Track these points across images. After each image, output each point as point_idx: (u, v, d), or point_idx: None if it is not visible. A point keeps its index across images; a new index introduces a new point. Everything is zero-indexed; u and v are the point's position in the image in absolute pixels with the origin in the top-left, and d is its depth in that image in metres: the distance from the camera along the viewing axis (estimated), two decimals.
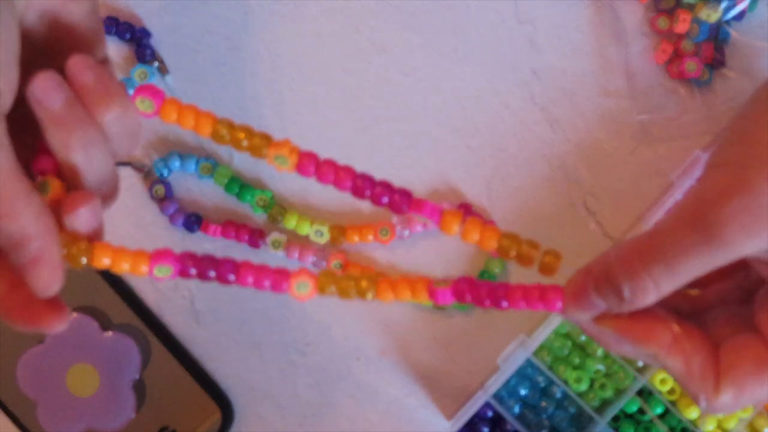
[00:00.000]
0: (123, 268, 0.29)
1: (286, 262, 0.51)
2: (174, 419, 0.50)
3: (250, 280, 0.30)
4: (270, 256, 0.51)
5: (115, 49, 0.51)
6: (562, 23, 0.51)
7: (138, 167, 0.51)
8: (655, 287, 0.27)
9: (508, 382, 0.50)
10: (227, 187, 0.51)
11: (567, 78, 0.51)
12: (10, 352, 0.50)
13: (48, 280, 0.27)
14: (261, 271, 0.30)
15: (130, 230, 0.51)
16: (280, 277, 0.30)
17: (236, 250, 0.51)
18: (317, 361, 0.52)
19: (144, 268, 0.30)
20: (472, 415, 0.48)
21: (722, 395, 0.28)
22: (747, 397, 0.28)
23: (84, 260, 0.29)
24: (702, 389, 0.28)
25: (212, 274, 0.30)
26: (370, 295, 0.30)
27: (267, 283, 0.30)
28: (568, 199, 0.51)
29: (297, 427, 0.52)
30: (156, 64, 0.51)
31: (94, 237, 0.29)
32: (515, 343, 0.49)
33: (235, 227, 0.51)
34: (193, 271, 0.30)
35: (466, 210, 0.50)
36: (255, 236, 0.50)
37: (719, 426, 0.49)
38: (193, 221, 0.50)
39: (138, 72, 0.50)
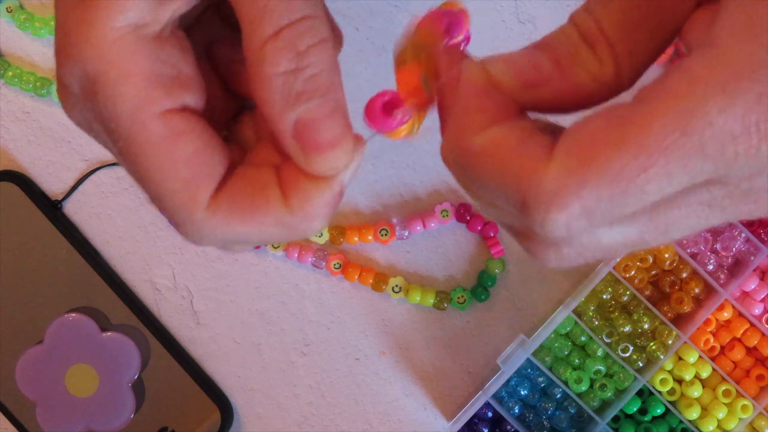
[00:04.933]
0: None
1: (285, 263, 0.51)
2: (173, 419, 0.50)
3: None
4: (269, 256, 0.51)
5: None
6: (562, 23, 0.51)
7: None
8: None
9: (508, 382, 0.49)
10: None
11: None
12: (10, 352, 0.50)
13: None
14: None
15: (130, 230, 0.51)
16: None
17: None
18: (317, 361, 0.51)
19: None
20: (472, 416, 0.48)
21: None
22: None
23: None
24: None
25: None
26: None
27: None
28: None
29: (297, 427, 0.52)
30: None
31: None
32: (515, 343, 0.49)
33: None
34: None
35: (465, 210, 0.50)
36: None
37: (719, 426, 0.49)
38: None
39: None
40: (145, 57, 0.23)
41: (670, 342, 0.49)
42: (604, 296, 0.49)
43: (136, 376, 0.50)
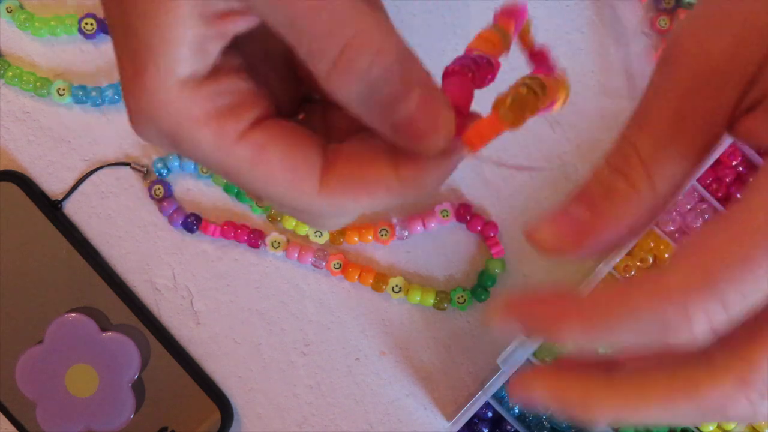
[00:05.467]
0: None
1: (285, 263, 0.51)
2: (173, 419, 0.50)
3: None
4: (269, 256, 0.51)
5: (110, 50, 0.51)
6: (562, 23, 0.51)
7: (137, 167, 0.51)
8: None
9: (508, 382, 0.49)
10: (226, 187, 0.51)
11: (567, 78, 0.51)
12: (9, 352, 0.50)
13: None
14: None
15: (130, 230, 0.51)
16: None
17: (236, 251, 0.51)
18: (317, 361, 0.51)
19: None
20: (472, 416, 0.48)
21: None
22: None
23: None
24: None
25: None
26: None
27: None
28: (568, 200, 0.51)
29: (297, 427, 0.52)
30: None
31: None
32: (515, 343, 0.49)
33: (234, 227, 0.50)
34: None
35: (465, 210, 0.50)
36: (254, 236, 0.50)
37: (719, 426, 0.49)
38: (193, 221, 0.50)
39: None
40: (206, 99, 0.25)
41: None
42: None
43: (136, 376, 0.50)
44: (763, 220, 0.20)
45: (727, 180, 0.48)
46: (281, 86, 0.29)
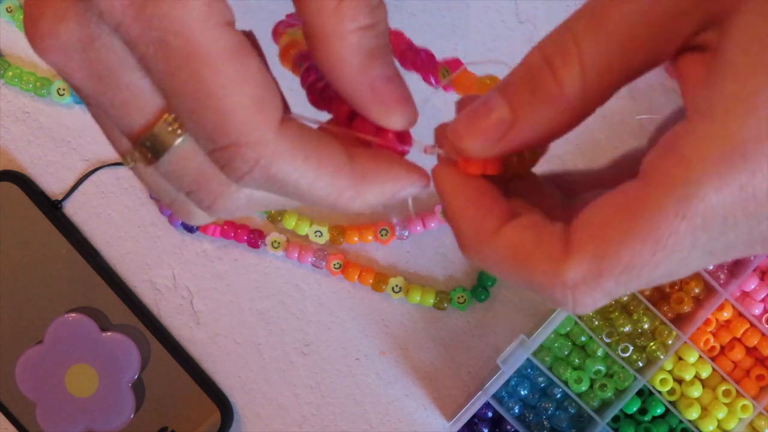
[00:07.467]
0: None
1: (285, 263, 0.51)
2: (173, 420, 0.50)
3: None
4: (269, 256, 0.51)
5: None
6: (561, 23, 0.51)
7: None
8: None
9: (508, 382, 0.49)
10: None
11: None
12: (9, 352, 0.50)
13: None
14: None
15: (130, 230, 0.51)
16: None
17: (235, 251, 0.51)
18: (317, 361, 0.51)
19: None
20: (472, 416, 0.48)
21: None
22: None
23: None
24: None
25: None
26: None
27: None
28: None
29: (297, 427, 0.52)
30: None
31: None
32: (515, 343, 0.49)
33: (234, 227, 0.50)
34: None
35: None
36: (254, 236, 0.50)
37: (719, 426, 0.49)
38: None
39: None
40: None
41: (670, 342, 0.49)
42: None
43: (136, 376, 0.50)
44: (662, 229, 0.21)
45: None
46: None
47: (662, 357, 0.49)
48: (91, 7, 0.22)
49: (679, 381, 0.50)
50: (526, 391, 0.50)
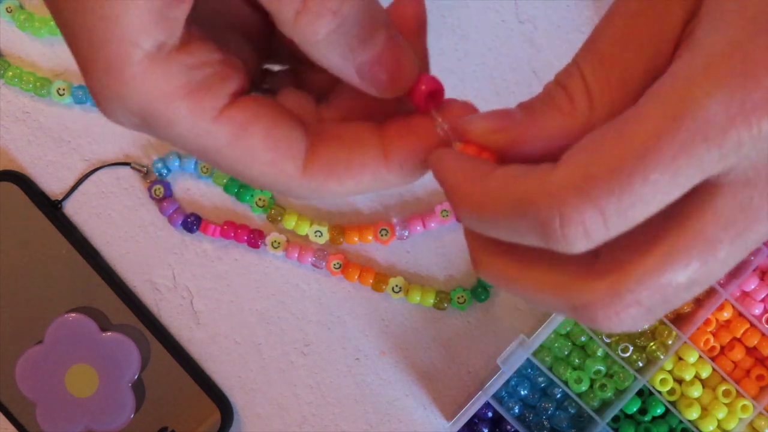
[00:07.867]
0: None
1: (285, 263, 0.51)
2: (173, 420, 0.50)
3: None
4: (269, 256, 0.51)
5: None
6: (562, 23, 0.51)
7: (137, 167, 0.51)
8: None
9: (508, 382, 0.50)
10: (226, 187, 0.51)
11: None
12: (9, 352, 0.50)
13: None
14: None
15: (130, 230, 0.51)
16: None
17: (235, 251, 0.51)
18: (317, 361, 0.51)
19: None
20: (472, 416, 0.48)
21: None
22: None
23: None
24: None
25: None
26: None
27: None
28: None
29: (297, 427, 0.52)
30: None
31: None
32: (515, 343, 0.49)
33: (234, 227, 0.50)
34: None
35: None
36: (254, 236, 0.50)
37: (719, 426, 0.49)
38: (192, 221, 0.50)
39: None
40: (178, 73, 0.23)
41: (670, 342, 0.49)
42: None
43: (136, 376, 0.50)
44: (652, 131, 0.20)
45: None
46: (244, 56, 0.27)
47: (662, 357, 0.49)
48: None
49: (679, 381, 0.50)
50: (526, 391, 0.50)
